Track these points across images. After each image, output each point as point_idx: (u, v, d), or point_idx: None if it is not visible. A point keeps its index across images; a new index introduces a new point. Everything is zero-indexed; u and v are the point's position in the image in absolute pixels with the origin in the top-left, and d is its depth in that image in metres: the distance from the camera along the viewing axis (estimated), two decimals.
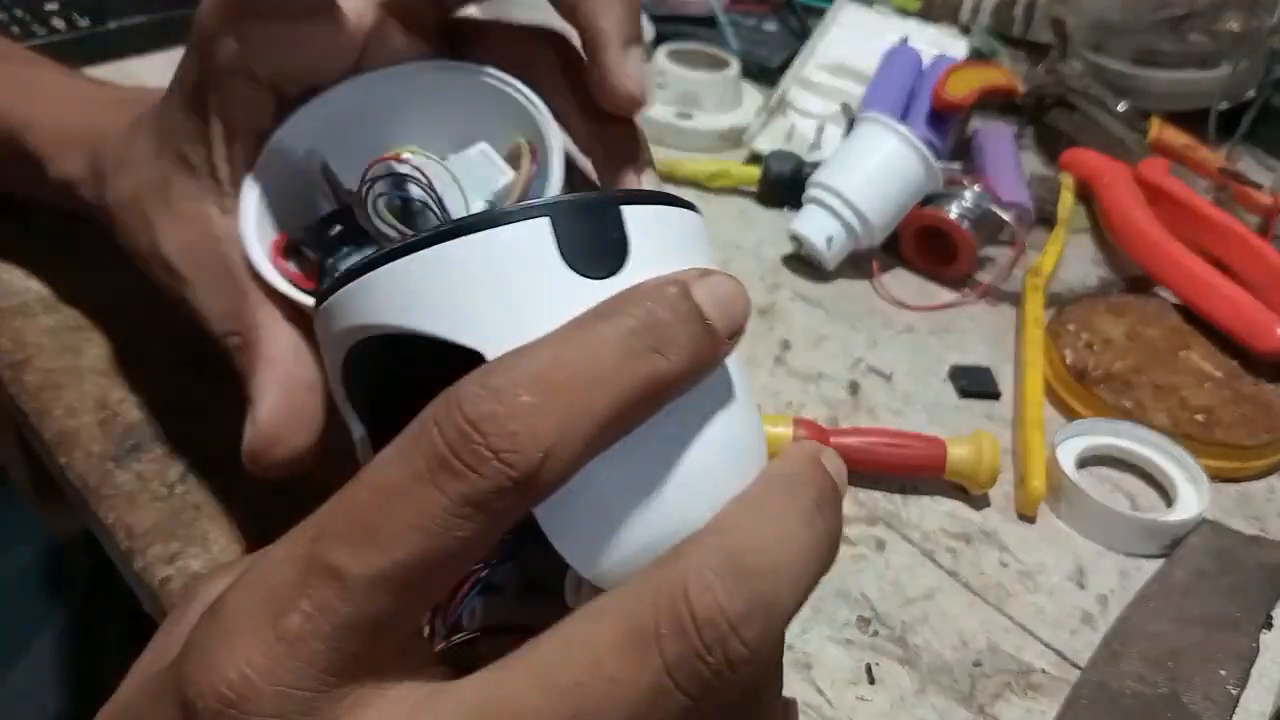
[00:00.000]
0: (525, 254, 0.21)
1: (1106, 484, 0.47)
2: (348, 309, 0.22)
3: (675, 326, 0.20)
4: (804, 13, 0.86)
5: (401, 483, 0.18)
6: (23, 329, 0.45)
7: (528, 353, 0.19)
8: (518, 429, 0.18)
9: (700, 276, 0.21)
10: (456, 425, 0.18)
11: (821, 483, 0.22)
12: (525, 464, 0.18)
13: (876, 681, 0.36)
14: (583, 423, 0.18)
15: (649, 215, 0.22)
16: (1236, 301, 0.54)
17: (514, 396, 0.18)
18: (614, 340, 0.19)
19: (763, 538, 0.20)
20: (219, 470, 0.40)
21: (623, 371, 0.19)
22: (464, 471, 0.17)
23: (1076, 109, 0.77)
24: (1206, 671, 0.37)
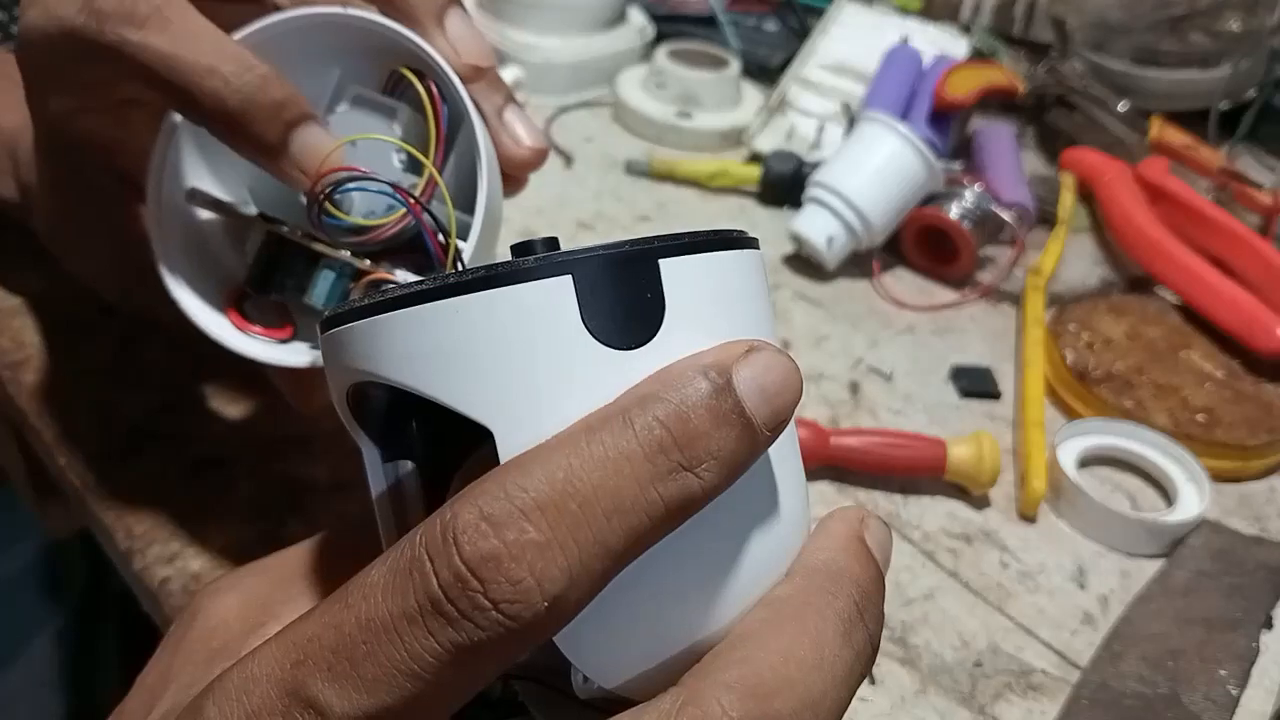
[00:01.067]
0: (542, 317, 0.18)
1: (1107, 484, 0.47)
2: (348, 350, 0.20)
3: (711, 434, 0.17)
4: (804, 12, 0.86)
5: (390, 620, 0.16)
6: (23, 329, 0.44)
7: (536, 467, 0.16)
8: (522, 575, 0.16)
9: (744, 357, 0.18)
10: (453, 567, 0.16)
11: (866, 576, 0.20)
12: (530, 614, 0.16)
13: (877, 682, 0.36)
14: (596, 560, 0.16)
15: (694, 268, 0.19)
16: (1237, 301, 0.54)
17: (519, 532, 0.16)
18: (638, 458, 0.17)
19: (796, 667, 0.18)
20: (219, 470, 0.39)
21: (646, 497, 0.17)
22: (460, 620, 0.16)
23: (1077, 108, 0.77)
24: (1207, 672, 0.37)
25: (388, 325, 0.19)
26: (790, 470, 0.20)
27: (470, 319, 0.18)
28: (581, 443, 0.17)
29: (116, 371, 0.43)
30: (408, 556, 0.16)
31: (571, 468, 0.16)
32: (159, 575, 0.36)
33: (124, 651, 0.71)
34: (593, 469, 0.16)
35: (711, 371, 0.17)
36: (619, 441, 0.17)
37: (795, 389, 0.18)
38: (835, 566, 0.19)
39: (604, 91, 0.74)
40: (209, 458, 0.40)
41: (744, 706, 0.17)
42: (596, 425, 0.17)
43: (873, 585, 0.20)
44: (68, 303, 0.46)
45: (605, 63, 0.75)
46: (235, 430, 0.42)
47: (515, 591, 0.16)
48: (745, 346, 0.18)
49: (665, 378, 0.18)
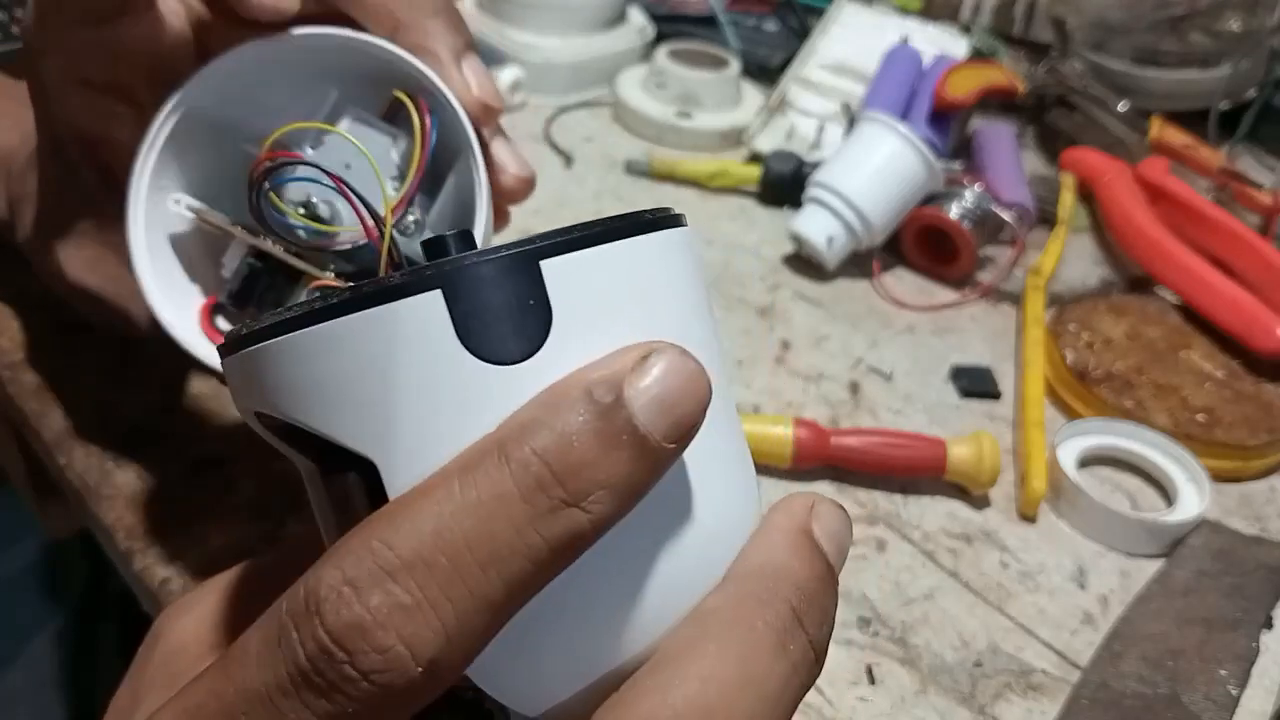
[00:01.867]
0: (414, 338, 0.16)
1: (1107, 484, 0.47)
2: (238, 380, 0.19)
3: (598, 462, 0.15)
4: (804, 12, 0.86)
5: (266, 692, 0.15)
6: (22, 329, 0.44)
7: (402, 521, 0.15)
8: (390, 643, 0.14)
9: (638, 367, 0.16)
10: (316, 638, 0.14)
11: (806, 574, 0.18)
12: (403, 682, 0.15)
13: (877, 682, 0.36)
14: (475, 615, 0.15)
15: (585, 265, 0.17)
16: (1237, 301, 0.54)
17: (384, 595, 0.14)
18: (513, 500, 0.15)
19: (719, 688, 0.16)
20: (219, 470, 0.39)
21: (526, 542, 0.15)
22: (330, 692, 0.15)
23: (1077, 108, 0.77)
24: (1207, 672, 0.37)
25: (260, 357, 0.17)
26: (722, 466, 0.19)
27: (341, 345, 0.16)
28: (454, 486, 0.15)
29: (116, 371, 0.43)
30: (276, 625, 0.15)
31: (440, 517, 0.15)
32: (159, 575, 0.36)
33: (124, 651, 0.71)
34: (463, 516, 0.15)
35: (600, 388, 0.16)
36: (492, 482, 0.15)
37: (700, 392, 0.16)
38: (771, 568, 0.18)
39: (604, 91, 0.74)
40: (209, 458, 0.40)
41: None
42: (471, 463, 0.16)
43: (817, 584, 0.18)
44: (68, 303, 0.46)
45: (605, 63, 0.75)
46: (235, 430, 0.42)
47: (384, 660, 0.14)
48: (640, 353, 0.16)
49: (547, 400, 0.16)
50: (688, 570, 0.18)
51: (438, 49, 0.30)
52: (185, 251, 0.33)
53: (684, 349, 0.17)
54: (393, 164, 0.31)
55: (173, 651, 0.22)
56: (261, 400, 0.18)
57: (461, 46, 0.31)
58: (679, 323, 0.18)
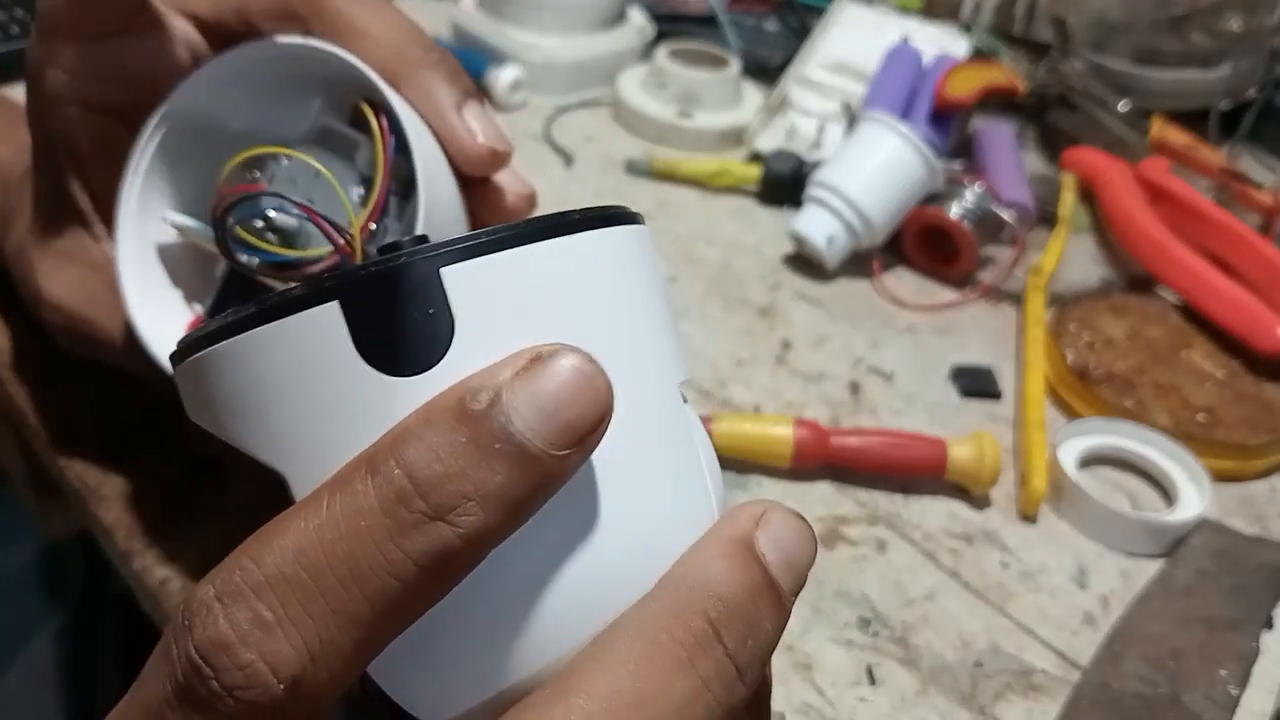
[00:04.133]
0: (313, 350, 0.16)
1: (1108, 484, 0.47)
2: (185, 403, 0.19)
3: (467, 472, 0.15)
4: (804, 11, 0.86)
5: (155, 705, 0.15)
6: (22, 329, 0.44)
7: (272, 538, 0.15)
8: (250, 659, 0.14)
9: (522, 372, 0.15)
10: (187, 653, 0.15)
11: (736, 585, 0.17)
12: (267, 699, 0.14)
13: (877, 682, 0.36)
14: (339, 633, 0.15)
15: (490, 271, 0.16)
16: (1238, 301, 0.54)
17: (249, 612, 0.14)
18: (373, 514, 0.15)
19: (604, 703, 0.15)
20: (219, 470, 0.39)
21: (388, 558, 0.15)
22: (204, 706, 0.15)
23: (1078, 108, 0.77)
24: (1208, 672, 0.36)
25: (183, 375, 0.18)
26: (653, 478, 0.18)
27: (244, 361, 0.17)
28: (322, 502, 0.15)
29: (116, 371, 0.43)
30: (166, 639, 0.15)
31: (304, 533, 0.15)
32: (159, 575, 0.36)
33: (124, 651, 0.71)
34: (326, 532, 0.15)
35: (480, 395, 0.15)
36: (354, 497, 0.15)
37: (596, 398, 0.16)
38: (693, 579, 0.17)
39: (604, 91, 0.74)
40: (209, 458, 0.40)
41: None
42: (343, 478, 0.15)
43: (744, 595, 0.17)
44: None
45: (605, 62, 0.74)
46: None
47: (245, 677, 0.14)
48: (527, 358, 0.16)
49: (422, 411, 0.15)
50: (601, 584, 0.17)
51: (438, 99, 0.30)
52: (177, 267, 0.33)
53: (580, 351, 0.16)
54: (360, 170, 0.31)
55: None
56: (198, 415, 0.18)
57: (461, 95, 0.31)
58: (599, 327, 0.17)
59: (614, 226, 0.18)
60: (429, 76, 0.30)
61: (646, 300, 0.19)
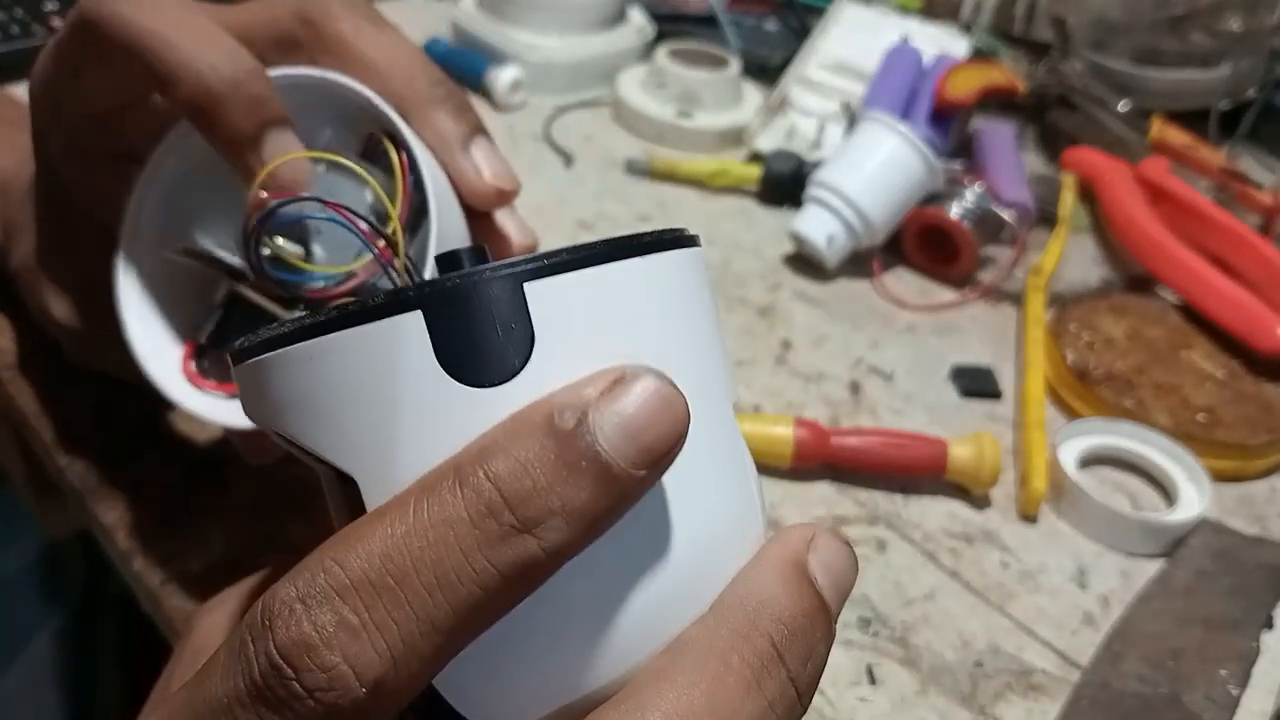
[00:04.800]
0: (394, 358, 0.16)
1: (1108, 484, 0.47)
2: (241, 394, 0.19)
3: (554, 489, 0.15)
4: (804, 11, 0.86)
5: (227, 703, 0.15)
6: (23, 331, 0.44)
7: (357, 542, 0.15)
8: (334, 662, 0.15)
9: (607, 392, 0.16)
10: (268, 653, 0.15)
11: (793, 609, 0.17)
12: (348, 702, 0.15)
13: (877, 682, 0.36)
14: (422, 639, 0.15)
15: (570, 288, 0.17)
16: (1238, 301, 0.54)
17: (333, 614, 0.15)
18: (463, 524, 0.15)
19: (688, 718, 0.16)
20: (219, 470, 0.39)
21: (474, 567, 0.15)
22: (281, 707, 0.15)
23: (1078, 108, 0.77)
24: (1207, 672, 0.36)
25: (254, 372, 0.18)
26: (712, 493, 0.18)
27: (323, 363, 0.17)
28: (409, 509, 0.15)
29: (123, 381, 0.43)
30: (238, 635, 0.15)
31: (392, 539, 0.15)
32: (159, 575, 0.36)
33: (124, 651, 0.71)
34: (414, 539, 0.15)
35: (566, 413, 0.15)
36: (444, 506, 0.15)
37: (674, 418, 0.16)
38: (755, 600, 0.17)
39: (604, 91, 0.74)
40: (209, 458, 0.40)
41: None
42: (429, 486, 0.16)
43: (804, 619, 0.17)
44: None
45: (605, 62, 0.75)
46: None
47: (328, 679, 0.15)
48: (611, 378, 0.16)
49: (510, 425, 0.16)
50: (666, 599, 0.17)
51: (447, 135, 0.30)
52: (178, 290, 0.33)
53: (660, 373, 0.16)
54: (366, 204, 0.31)
55: (198, 649, 0.23)
56: (258, 413, 0.18)
57: (468, 131, 0.31)
58: (670, 347, 0.18)
59: (681, 249, 0.19)
60: (437, 112, 0.30)
61: (706, 321, 0.19)
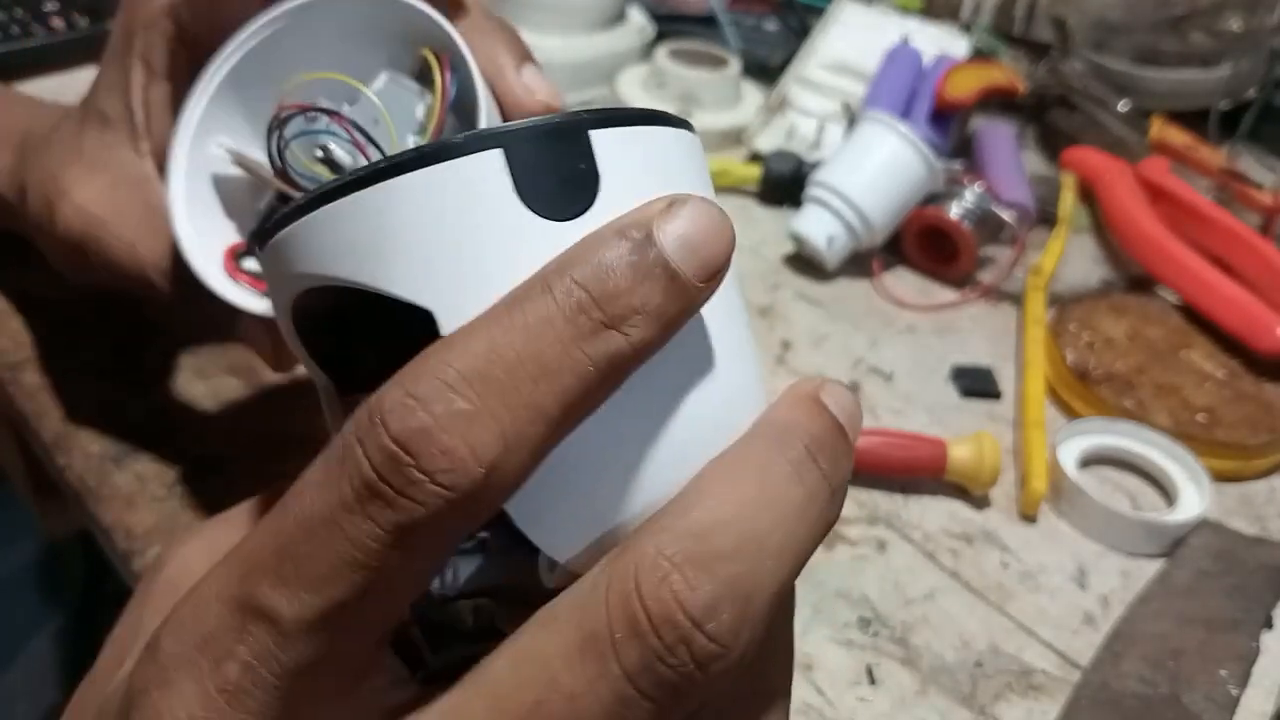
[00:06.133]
0: (476, 194, 0.17)
1: (1108, 484, 0.47)
2: (290, 255, 0.19)
3: (634, 290, 0.17)
4: (804, 11, 0.86)
5: (328, 513, 0.16)
6: (22, 329, 0.44)
7: (458, 344, 0.16)
8: (454, 444, 0.15)
9: (666, 210, 0.18)
10: (382, 446, 0.15)
11: (818, 425, 0.19)
12: (467, 483, 0.15)
13: (877, 682, 0.36)
14: (530, 425, 0.16)
15: (625, 139, 0.19)
16: (1238, 301, 0.54)
17: (446, 404, 0.16)
18: (559, 320, 0.16)
19: (737, 505, 0.17)
20: (219, 470, 0.39)
21: (572, 358, 0.16)
22: (397, 499, 0.15)
23: (1077, 108, 0.77)
24: (1208, 672, 0.36)
25: (323, 219, 0.18)
26: (736, 336, 0.20)
27: (405, 201, 0.17)
28: (503, 314, 0.16)
29: (116, 371, 0.43)
30: (339, 445, 0.16)
31: (494, 338, 0.16)
32: None
33: None
34: (514, 336, 0.16)
35: (631, 229, 0.17)
36: (538, 307, 0.16)
37: (724, 237, 0.18)
38: (783, 423, 0.19)
39: (604, 91, 0.74)
40: (209, 458, 0.40)
41: (678, 543, 0.17)
42: (519, 296, 0.17)
43: (826, 434, 0.19)
44: (68, 303, 0.46)
45: (605, 62, 0.74)
46: (235, 430, 0.42)
47: (449, 460, 0.15)
48: (667, 201, 0.18)
49: (586, 242, 0.17)
50: (709, 421, 0.19)
51: (501, 59, 0.33)
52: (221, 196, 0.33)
53: (707, 198, 0.18)
54: (417, 121, 0.32)
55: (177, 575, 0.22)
56: (317, 268, 0.18)
57: (521, 57, 0.34)
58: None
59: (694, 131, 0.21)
60: (490, 38, 0.33)
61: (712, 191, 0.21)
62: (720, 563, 0.16)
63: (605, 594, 0.16)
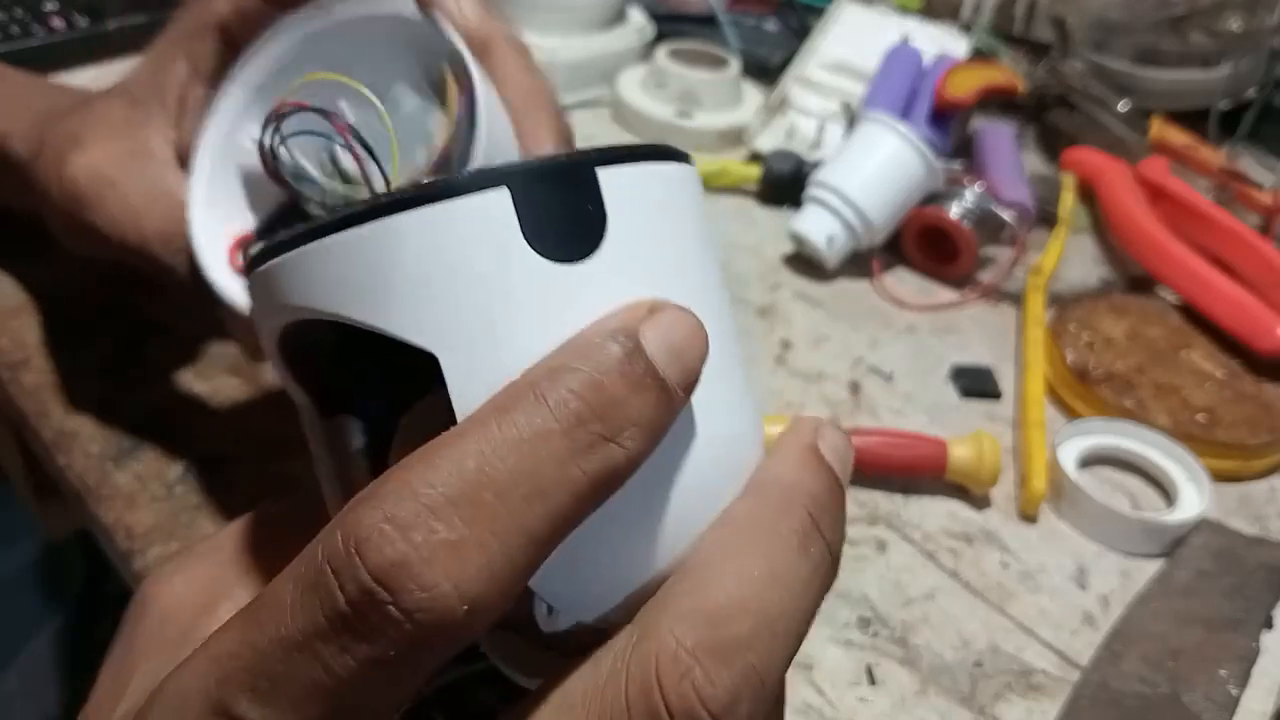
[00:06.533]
0: (481, 233, 0.17)
1: (1108, 484, 0.47)
2: (280, 287, 0.18)
3: (629, 400, 0.16)
4: (804, 11, 0.86)
5: (303, 639, 0.15)
6: (23, 329, 0.44)
7: (441, 461, 0.15)
8: (435, 580, 0.14)
9: (649, 318, 0.17)
10: (358, 579, 0.14)
11: (819, 485, 0.19)
12: (448, 620, 0.15)
13: (877, 682, 0.36)
14: (520, 552, 0.15)
15: (630, 178, 0.18)
16: (1238, 301, 0.54)
17: (427, 533, 0.14)
18: (555, 435, 0.16)
19: (748, 584, 0.17)
20: (218, 470, 0.39)
21: (568, 476, 0.16)
22: (372, 634, 0.14)
23: (1077, 108, 0.77)
24: (1207, 672, 0.36)
25: (319, 253, 0.17)
26: (730, 394, 0.20)
27: (408, 239, 0.17)
28: (491, 425, 0.16)
29: (116, 371, 0.43)
30: (313, 570, 0.15)
31: (483, 455, 0.15)
32: None
33: None
34: (506, 453, 0.15)
35: (620, 335, 0.17)
36: (532, 419, 0.16)
37: (702, 344, 0.18)
38: (786, 481, 0.19)
39: (604, 91, 0.74)
40: (209, 458, 0.40)
41: (698, 634, 0.16)
42: (507, 404, 0.16)
43: (828, 495, 0.19)
44: (68, 303, 0.46)
45: (605, 62, 0.74)
46: (235, 430, 0.42)
47: (429, 599, 0.14)
48: (647, 307, 0.18)
49: (572, 347, 0.17)
50: (709, 486, 0.19)
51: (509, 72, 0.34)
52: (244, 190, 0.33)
53: (681, 306, 0.18)
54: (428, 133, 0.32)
55: (165, 616, 0.22)
56: (310, 302, 0.18)
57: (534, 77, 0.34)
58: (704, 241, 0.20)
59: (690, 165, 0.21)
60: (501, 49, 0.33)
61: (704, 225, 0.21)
62: (737, 652, 0.16)
63: (625, 686, 0.16)
